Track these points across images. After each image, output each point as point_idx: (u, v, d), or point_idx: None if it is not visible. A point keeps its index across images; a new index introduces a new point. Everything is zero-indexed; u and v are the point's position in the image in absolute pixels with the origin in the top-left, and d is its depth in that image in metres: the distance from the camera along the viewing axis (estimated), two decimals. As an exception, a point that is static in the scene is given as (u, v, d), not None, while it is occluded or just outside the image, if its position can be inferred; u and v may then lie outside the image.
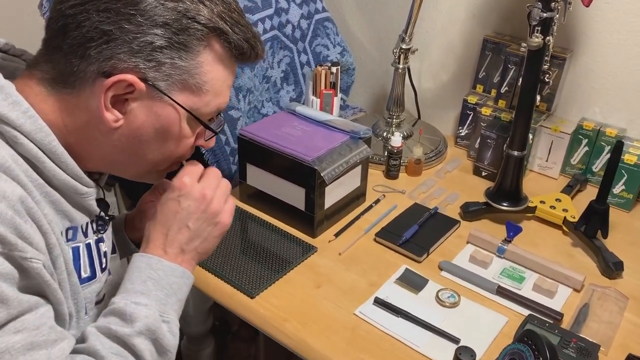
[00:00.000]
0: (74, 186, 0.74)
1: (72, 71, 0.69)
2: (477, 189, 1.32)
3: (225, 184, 0.85)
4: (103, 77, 0.69)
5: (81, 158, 0.76)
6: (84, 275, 0.79)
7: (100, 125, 0.72)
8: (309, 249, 1.11)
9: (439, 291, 1.01)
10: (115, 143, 0.74)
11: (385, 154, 1.38)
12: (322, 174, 1.07)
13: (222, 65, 0.75)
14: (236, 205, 1.22)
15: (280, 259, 1.08)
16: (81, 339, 0.74)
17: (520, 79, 1.10)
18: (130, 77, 0.68)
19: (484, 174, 1.38)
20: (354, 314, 0.97)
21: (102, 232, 0.85)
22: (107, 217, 0.85)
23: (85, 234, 0.80)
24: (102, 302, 0.87)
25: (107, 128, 0.72)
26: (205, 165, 0.95)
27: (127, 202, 1.95)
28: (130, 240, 1.06)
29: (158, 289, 0.76)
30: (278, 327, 0.95)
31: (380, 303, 0.99)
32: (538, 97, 1.11)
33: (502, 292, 1.02)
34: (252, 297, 1.00)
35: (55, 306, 0.71)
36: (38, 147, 0.69)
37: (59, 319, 0.72)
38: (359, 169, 1.20)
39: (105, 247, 0.86)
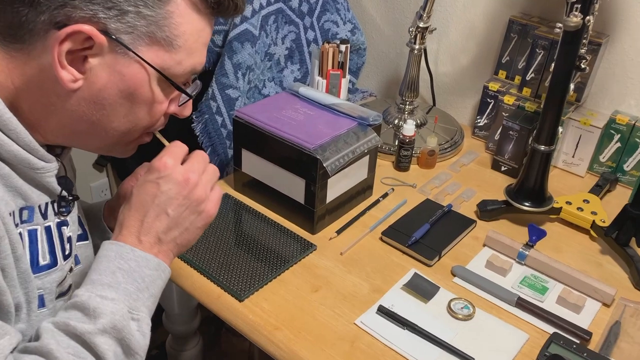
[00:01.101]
0: (26, 159, 0.65)
1: (20, 22, 0.60)
2: (495, 185, 1.20)
3: (213, 170, 0.75)
4: (56, 28, 0.59)
5: (37, 128, 0.67)
6: (42, 262, 0.70)
7: (55, 87, 0.62)
8: (307, 247, 1.00)
9: (451, 301, 0.90)
10: (74, 109, 0.65)
11: (396, 144, 1.26)
12: (324, 165, 0.95)
13: (196, 16, 0.66)
14: (229, 194, 1.12)
15: (274, 256, 0.97)
16: (35, 336, 0.64)
17: (553, 65, 0.97)
18: (88, 29, 0.59)
19: (503, 168, 1.26)
20: (354, 323, 0.86)
21: (65, 214, 0.75)
22: (70, 198, 0.75)
23: (45, 216, 0.71)
24: (68, 294, 0.78)
25: (64, 91, 0.63)
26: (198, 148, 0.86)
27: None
28: (109, 230, 0.98)
29: (128, 281, 0.66)
30: (268, 335, 0.84)
31: (384, 312, 0.87)
32: (572, 86, 0.98)
33: (522, 304, 0.90)
34: (240, 300, 0.89)
35: None
36: None
37: (1, 311, 0.63)
38: (366, 159, 1.08)
39: (70, 231, 0.76)
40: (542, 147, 1.04)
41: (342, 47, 1.22)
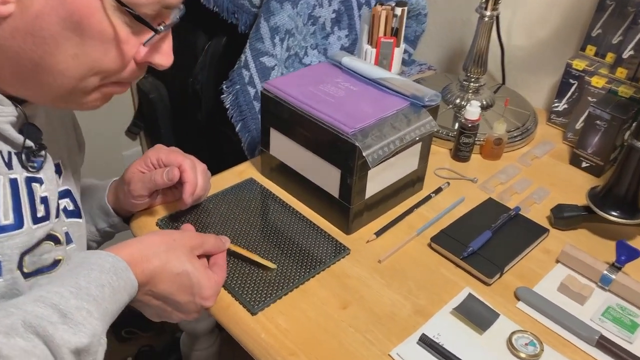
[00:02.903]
0: None
1: None
2: (573, 185, 1.00)
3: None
4: None
5: None
6: (3, 221, 0.59)
7: None
8: (339, 250, 0.83)
9: (513, 334, 0.72)
10: (9, 44, 0.53)
11: (456, 128, 1.07)
12: (364, 154, 0.78)
13: None
14: (255, 180, 0.97)
15: (298, 259, 0.81)
16: None
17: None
18: None
19: (584, 165, 1.04)
20: (389, 355, 0.69)
21: (35, 169, 0.64)
22: (36, 147, 0.63)
23: (9, 166, 0.60)
24: (54, 269, 0.67)
25: None
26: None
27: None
28: (114, 212, 0.87)
29: (111, 301, 0.59)
30: (281, 362, 0.69)
31: (427, 343, 0.70)
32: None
33: (605, 344, 0.71)
34: (253, 314, 0.74)
35: None
36: None
37: None
38: (418, 146, 0.90)
39: (45, 190, 0.65)
40: (643, 145, 0.83)
41: (398, 11, 1.03)
